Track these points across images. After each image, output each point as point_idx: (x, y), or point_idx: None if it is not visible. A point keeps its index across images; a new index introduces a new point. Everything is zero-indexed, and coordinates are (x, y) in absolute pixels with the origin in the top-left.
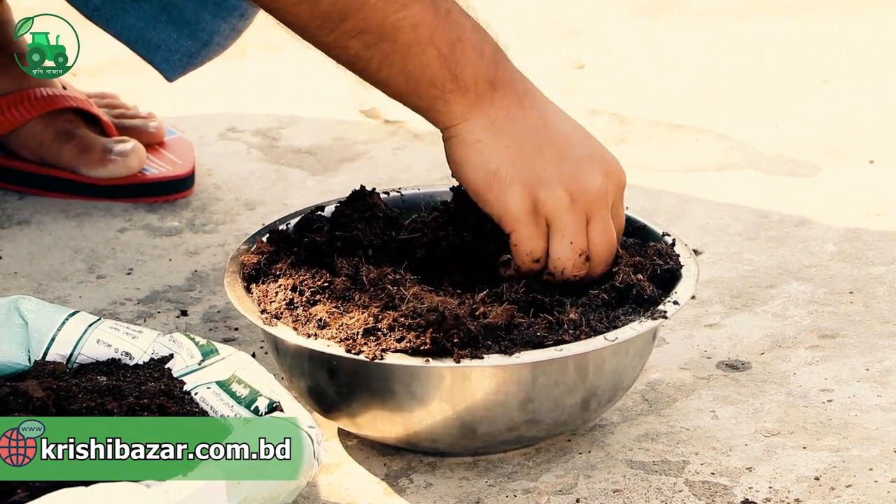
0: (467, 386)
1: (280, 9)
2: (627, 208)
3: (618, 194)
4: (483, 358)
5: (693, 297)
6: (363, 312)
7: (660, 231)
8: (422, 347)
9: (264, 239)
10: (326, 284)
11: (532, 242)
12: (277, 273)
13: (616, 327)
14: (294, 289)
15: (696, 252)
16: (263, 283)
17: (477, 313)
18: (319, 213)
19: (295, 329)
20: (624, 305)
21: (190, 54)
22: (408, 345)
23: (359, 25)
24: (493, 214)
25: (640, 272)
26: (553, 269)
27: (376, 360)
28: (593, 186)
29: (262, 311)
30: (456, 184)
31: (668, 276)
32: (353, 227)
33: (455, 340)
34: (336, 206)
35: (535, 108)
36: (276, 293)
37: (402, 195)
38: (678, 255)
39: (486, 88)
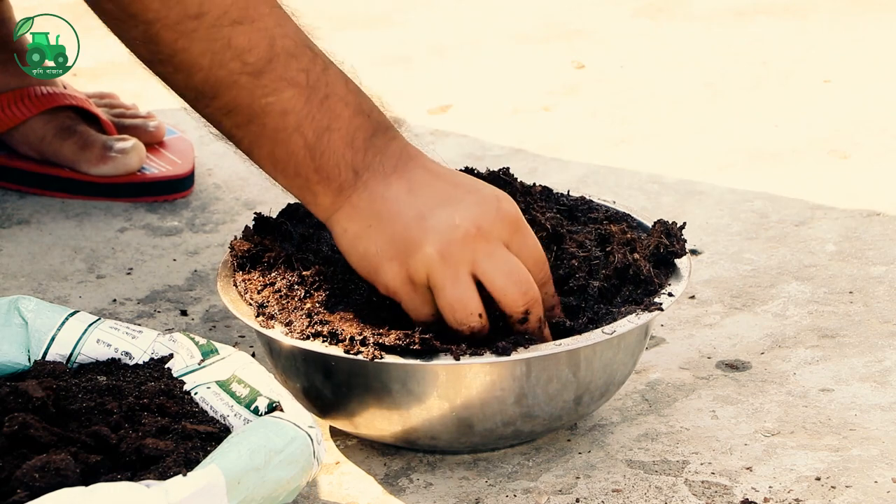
0: (463, 382)
1: (163, 74)
2: (609, 202)
3: (509, 227)
4: (483, 355)
5: (692, 297)
6: (358, 313)
7: (649, 223)
8: (417, 346)
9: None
10: (317, 280)
11: (418, 311)
12: (267, 264)
13: (611, 314)
14: (287, 285)
15: (696, 252)
16: (251, 272)
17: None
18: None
19: (291, 329)
20: (623, 289)
21: None
22: (407, 343)
23: (229, 104)
24: (384, 293)
25: (636, 250)
26: (451, 326)
27: (375, 360)
28: (460, 232)
29: (257, 314)
30: None
31: (670, 257)
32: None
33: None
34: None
35: (402, 179)
36: (267, 287)
37: None
38: (685, 240)
39: (349, 177)
